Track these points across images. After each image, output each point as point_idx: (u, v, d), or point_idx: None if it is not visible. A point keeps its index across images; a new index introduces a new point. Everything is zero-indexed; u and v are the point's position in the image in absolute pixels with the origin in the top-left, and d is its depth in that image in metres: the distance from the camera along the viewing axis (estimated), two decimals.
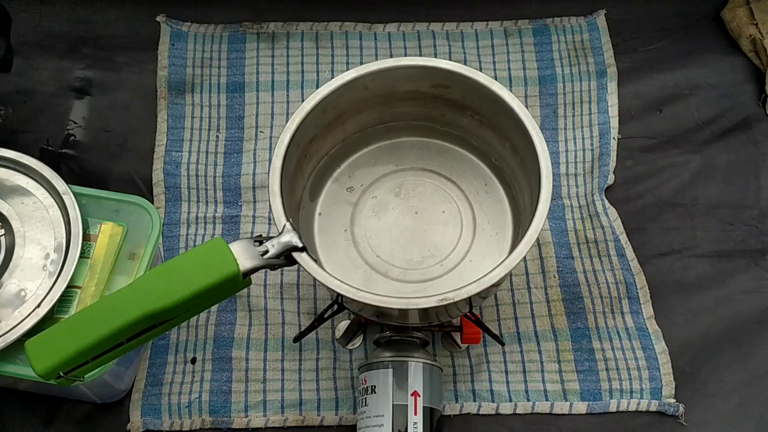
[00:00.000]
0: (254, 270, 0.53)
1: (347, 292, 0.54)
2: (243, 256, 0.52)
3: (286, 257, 0.55)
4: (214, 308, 0.75)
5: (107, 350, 0.50)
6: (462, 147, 0.72)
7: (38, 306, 0.61)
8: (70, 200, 0.65)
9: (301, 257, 0.55)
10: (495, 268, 0.54)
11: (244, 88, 0.87)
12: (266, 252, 0.54)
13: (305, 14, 0.91)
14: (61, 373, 0.49)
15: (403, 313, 0.60)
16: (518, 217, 0.68)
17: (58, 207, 0.66)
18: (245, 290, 0.74)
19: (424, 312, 0.59)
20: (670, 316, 0.76)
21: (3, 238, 0.65)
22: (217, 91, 0.87)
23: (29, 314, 0.61)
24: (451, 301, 0.53)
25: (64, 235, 0.65)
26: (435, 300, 0.53)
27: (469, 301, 0.56)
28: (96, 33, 0.90)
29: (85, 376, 0.52)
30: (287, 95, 0.86)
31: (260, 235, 0.55)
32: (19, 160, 0.67)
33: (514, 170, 0.67)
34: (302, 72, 0.88)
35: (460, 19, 0.91)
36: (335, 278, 0.54)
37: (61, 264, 0.63)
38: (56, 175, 0.67)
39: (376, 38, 0.90)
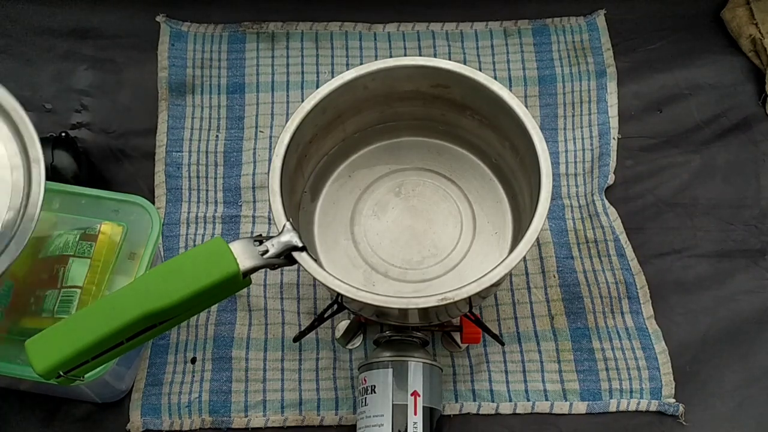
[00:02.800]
0: (254, 270, 0.53)
1: (347, 291, 0.54)
2: (243, 255, 0.52)
3: (286, 257, 0.55)
4: (214, 308, 0.75)
5: (107, 350, 0.50)
6: (462, 147, 0.72)
7: None
8: (38, 172, 0.55)
9: (301, 257, 0.55)
10: (495, 267, 0.54)
11: (244, 89, 0.87)
12: (266, 252, 0.54)
13: (305, 14, 0.91)
14: (62, 373, 0.49)
15: (403, 312, 0.60)
16: (518, 216, 0.68)
17: (24, 174, 0.55)
18: (245, 290, 0.74)
19: (424, 312, 0.59)
20: (670, 315, 0.76)
21: None
22: (218, 92, 0.87)
23: None
24: (451, 300, 0.53)
25: (19, 209, 0.54)
26: (435, 300, 0.53)
27: (469, 300, 0.56)
28: (96, 33, 0.90)
29: (85, 375, 0.52)
30: (287, 95, 0.86)
31: (260, 235, 0.55)
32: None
33: (514, 170, 0.67)
34: (302, 72, 0.88)
35: (459, 20, 0.91)
36: (335, 278, 0.54)
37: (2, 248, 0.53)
38: (35, 136, 0.57)
39: (375, 38, 0.90)
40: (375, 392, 0.64)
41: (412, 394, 0.63)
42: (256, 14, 0.91)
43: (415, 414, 0.63)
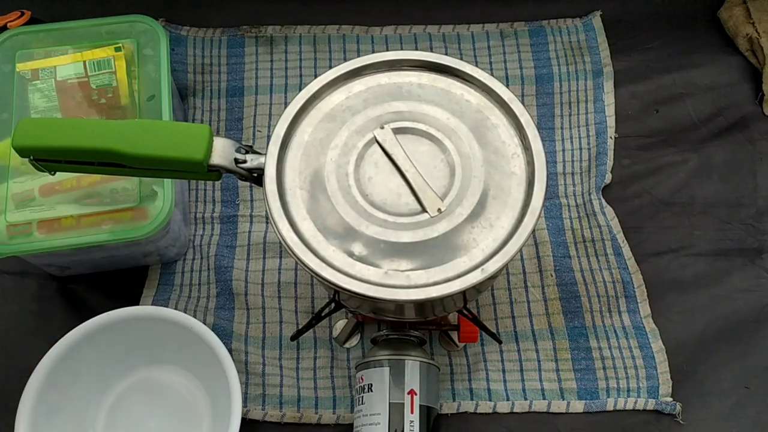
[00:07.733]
0: (221, 169, 0.54)
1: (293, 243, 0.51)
2: (219, 152, 0.53)
3: (257, 179, 0.54)
4: (212, 306, 0.75)
5: (77, 162, 0.55)
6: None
7: None
8: None
9: (268, 186, 0.53)
10: (486, 261, 0.54)
11: (243, 92, 0.88)
12: (243, 162, 0.54)
13: (303, 18, 0.91)
14: (32, 158, 0.55)
15: (399, 307, 0.60)
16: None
17: None
18: (243, 289, 0.75)
19: (419, 305, 0.59)
20: (667, 314, 0.76)
21: None
22: (218, 96, 0.87)
23: None
24: (446, 293, 0.52)
25: None
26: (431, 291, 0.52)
27: (464, 294, 0.56)
28: None
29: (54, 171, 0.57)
30: (285, 97, 0.87)
31: (251, 146, 0.55)
32: None
33: None
34: (300, 75, 0.89)
35: (456, 22, 0.91)
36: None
37: None
38: None
39: (373, 41, 0.91)
40: (372, 391, 0.64)
41: (408, 393, 0.63)
42: (255, 18, 0.91)
43: (412, 412, 0.63)
